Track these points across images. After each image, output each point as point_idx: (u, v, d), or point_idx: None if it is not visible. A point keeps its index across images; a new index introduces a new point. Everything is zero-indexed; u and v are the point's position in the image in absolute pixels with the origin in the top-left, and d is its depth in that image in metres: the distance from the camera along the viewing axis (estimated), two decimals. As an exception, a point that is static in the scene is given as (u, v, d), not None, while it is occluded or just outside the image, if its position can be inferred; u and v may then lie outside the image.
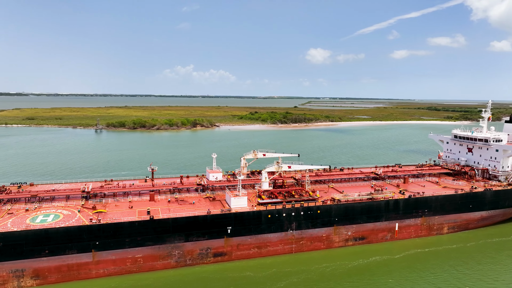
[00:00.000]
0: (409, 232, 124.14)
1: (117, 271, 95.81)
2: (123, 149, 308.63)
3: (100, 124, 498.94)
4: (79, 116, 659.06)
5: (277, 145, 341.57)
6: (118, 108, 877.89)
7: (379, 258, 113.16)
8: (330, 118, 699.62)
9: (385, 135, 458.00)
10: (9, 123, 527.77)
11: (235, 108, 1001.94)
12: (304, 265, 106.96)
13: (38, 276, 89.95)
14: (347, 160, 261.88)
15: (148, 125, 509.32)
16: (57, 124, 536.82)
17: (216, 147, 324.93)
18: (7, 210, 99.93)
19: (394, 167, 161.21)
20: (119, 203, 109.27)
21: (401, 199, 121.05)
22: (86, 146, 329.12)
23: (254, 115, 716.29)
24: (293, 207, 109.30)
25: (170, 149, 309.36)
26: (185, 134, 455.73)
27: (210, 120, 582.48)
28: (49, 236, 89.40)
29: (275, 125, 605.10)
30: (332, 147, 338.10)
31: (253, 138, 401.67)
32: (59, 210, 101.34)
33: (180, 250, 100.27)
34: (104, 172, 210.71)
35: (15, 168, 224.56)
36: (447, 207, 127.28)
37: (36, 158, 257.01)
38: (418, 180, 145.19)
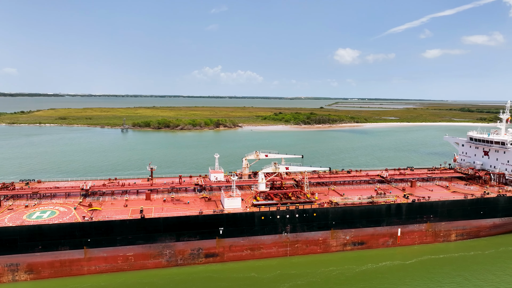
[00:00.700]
0: (413, 238, 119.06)
1: (108, 269, 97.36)
2: (145, 149, 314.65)
3: (126, 124, 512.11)
4: (108, 116, 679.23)
5: (296, 146, 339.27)
6: (146, 109, 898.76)
7: (380, 264, 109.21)
8: (355, 119, 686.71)
9: (410, 137, 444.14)
10: (42, 123, 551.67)
11: (260, 108, 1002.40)
12: (299, 268, 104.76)
13: (32, 271, 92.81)
14: (366, 162, 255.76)
15: (172, 125, 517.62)
16: (87, 123, 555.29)
17: (234, 147, 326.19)
18: (8, 206, 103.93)
19: (406, 169, 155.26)
20: (115, 201, 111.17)
21: (404, 203, 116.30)
22: (111, 145, 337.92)
23: (278, 115, 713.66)
24: (288, 209, 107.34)
25: (189, 149, 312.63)
26: (207, 134, 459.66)
27: (233, 121, 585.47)
28: (42, 232, 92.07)
29: (298, 126, 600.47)
30: (353, 148, 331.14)
31: (274, 139, 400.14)
32: (57, 207, 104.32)
33: (171, 249, 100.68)
34: (122, 171, 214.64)
35: (41, 165, 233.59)
36: (455, 213, 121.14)
37: (61, 156, 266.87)
38: (427, 184, 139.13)
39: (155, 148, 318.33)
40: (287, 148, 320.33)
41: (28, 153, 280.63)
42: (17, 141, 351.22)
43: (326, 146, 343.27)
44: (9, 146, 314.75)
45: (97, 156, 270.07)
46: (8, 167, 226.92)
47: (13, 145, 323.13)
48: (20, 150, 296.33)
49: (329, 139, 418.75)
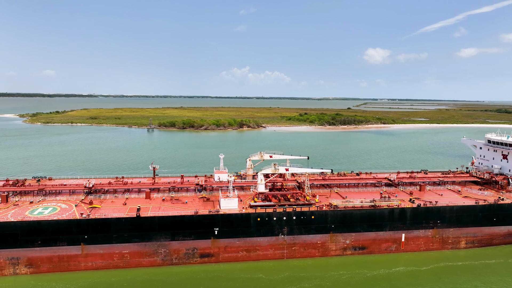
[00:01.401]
0: (418, 244, 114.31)
1: (104, 265, 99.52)
2: (167, 148, 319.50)
3: (152, 123, 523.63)
4: (136, 116, 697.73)
5: (318, 147, 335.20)
6: (174, 109, 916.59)
7: (382, 271, 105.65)
8: (382, 120, 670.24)
9: (437, 139, 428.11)
10: (74, 122, 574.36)
11: (286, 109, 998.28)
12: (296, 272, 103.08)
13: (31, 265, 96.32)
14: (388, 164, 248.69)
15: (197, 125, 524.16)
16: (115, 123, 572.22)
17: (254, 147, 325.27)
18: (14, 201, 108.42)
19: (419, 172, 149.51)
20: (116, 199, 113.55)
21: (409, 208, 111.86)
22: (135, 144, 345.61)
23: (302, 116, 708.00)
24: (285, 211, 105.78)
25: (210, 149, 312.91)
26: (230, 135, 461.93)
27: (256, 121, 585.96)
28: (41, 227, 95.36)
29: (322, 126, 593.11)
30: (377, 150, 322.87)
31: (296, 140, 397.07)
32: (59, 204, 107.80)
33: (166, 248, 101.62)
34: (140, 170, 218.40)
35: (68, 163, 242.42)
36: (465, 219, 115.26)
37: (88, 155, 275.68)
38: (437, 188, 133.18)
39: (177, 148, 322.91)
40: (308, 149, 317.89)
41: (58, 151, 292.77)
42: (49, 140, 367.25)
43: (349, 148, 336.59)
44: (41, 145, 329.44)
45: (121, 155, 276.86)
46: (37, 164, 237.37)
47: (45, 144, 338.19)
48: (50, 148, 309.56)
49: (353, 140, 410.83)
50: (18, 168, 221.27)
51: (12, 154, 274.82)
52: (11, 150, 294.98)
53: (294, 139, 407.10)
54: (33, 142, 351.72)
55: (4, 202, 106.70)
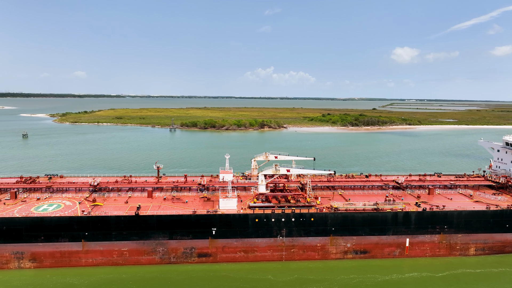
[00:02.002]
0: (423, 249, 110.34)
1: (104, 262, 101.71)
2: (187, 148, 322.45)
3: (175, 123, 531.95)
4: (160, 116, 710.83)
5: (337, 148, 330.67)
6: (197, 109, 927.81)
7: (386, 276, 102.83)
8: (407, 121, 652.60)
9: (463, 140, 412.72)
10: (100, 122, 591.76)
11: (309, 110, 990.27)
12: (295, 274, 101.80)
13: (35, 260, 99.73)
14: (410, 167, 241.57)
15: (218, 126, 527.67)
16: (139, 123, 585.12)
17: (272, 147, 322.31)
18: (22, 198, 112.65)
19: (432, 175, 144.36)
20: (119, 198, 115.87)
21: (413, 212, 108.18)
22: (156, 144, 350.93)
23: (325, 117, 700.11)
24: (283, 213, 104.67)
25: (229, 149, 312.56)
26: (251, 135, 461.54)
27: (278, 122, 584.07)
28: (44, 224, 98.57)
29: (345, 127, 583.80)
30: (399, 152, 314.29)
31: (317, 140, 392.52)
32: (64, 201, 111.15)
33: (164, 247, 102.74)
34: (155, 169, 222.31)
35: (90, 161, 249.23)
36: (474, 224, 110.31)
37: (110, 154, 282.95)
38: (448, 192, 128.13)
39: (197, 148, 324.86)
40: (327, 150, 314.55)
41: (82, 149, 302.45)
42: (75, 139, 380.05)
43: (370, 149, 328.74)
44: (67, 143, 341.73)
45: (141, 154, 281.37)
46: (62, 162, 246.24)
47: (70, 142, 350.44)
48: (75, 147, 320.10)
49: (376, 141, 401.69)
50: (43, 166, 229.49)
51: (40, 152, 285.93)
52: (39, 149, 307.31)
53: (314, 140, 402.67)
54: (60, 141, 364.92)
55: (13, 199, 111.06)
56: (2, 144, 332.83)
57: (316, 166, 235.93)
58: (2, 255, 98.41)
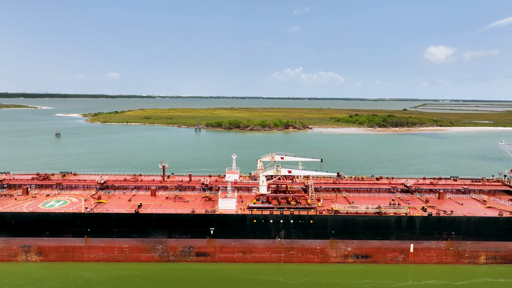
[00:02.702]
0: (429, 256, 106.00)
1: (105, 258, 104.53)
2: (210, 148, 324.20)
3: (200, 124, 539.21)
4: (187, 116, 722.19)
5: (362, 149, 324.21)
6: (224, 110, 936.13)
7: (388, 282, 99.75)
8: (438, 122, 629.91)
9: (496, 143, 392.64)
10: (129, 121, 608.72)
11: (337, 110, 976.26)
12: (293, 277, 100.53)
13: (41, 253, 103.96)
14: (436, 170, 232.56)
15: (242, 126, 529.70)
16: (166, 123, 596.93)
17: (294, 148, 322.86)
18: (33, 194, 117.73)
19: (448, 179, 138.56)
20: (123, 195, 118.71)
21: (418, 217, 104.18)
22: (180, 144, 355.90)
23: (352, 118, 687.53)
24: (281, 214, 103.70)
25: (251, 149, 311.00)
26: (275, 136, 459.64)
27: (303, 122, 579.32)
28: (49, 219, 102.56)
29: (372, 128, 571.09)
30: (426, 154, 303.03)
31: (341, 142, 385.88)
32: (71, 197, 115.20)
33: (163, 245, 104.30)
34: (176, 168, 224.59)
35: (115, 160, 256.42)
36: (485, 232, 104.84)
37: (134, 153, 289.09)
38: (459, 197, 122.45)
39: (219, 148, 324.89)
40: (350, 151, 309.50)
41: (108, 148, 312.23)
42: (103, 138, 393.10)
43: (396, 151, 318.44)
44: (95, 142, 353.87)
45: (164, 154, 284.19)
46: (88, 160, 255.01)
47: (98, 141, 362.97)
48: (102, 145, 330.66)
49: (403, 143, 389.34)
50: (70, 164, 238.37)
51: (68, 151, 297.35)
52: (69, 147, 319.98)
53: (338, 141, 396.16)
54: (88, 140, 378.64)
55: (25, 194, 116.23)
56: (36, 143, 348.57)
57: (337, 168, 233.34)
58: (11, 248, 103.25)
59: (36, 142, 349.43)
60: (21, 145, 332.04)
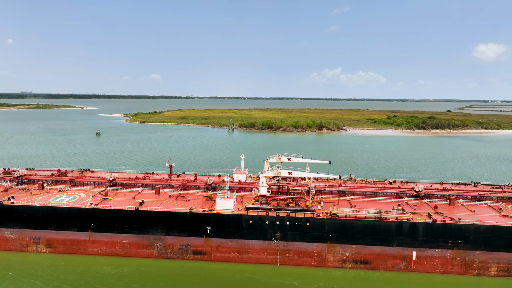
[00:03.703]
0: (433, 265, 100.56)
1: (108, 252, 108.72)
2: (241, 148, 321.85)
3: (233, 124, 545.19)
4: (222, 116, 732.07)
5: (395, 152, 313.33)
6: (259, 110, 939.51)
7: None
8: (484, 124, 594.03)
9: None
10: (166, 122, 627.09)
11: (375, 111, 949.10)
12: (289, 279, 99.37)
13: (49, 245, 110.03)
14: (478, 175, 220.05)
15: (275, 127, 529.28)
16: (200, 123, 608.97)
17: (322, 150, 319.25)
18: (47, 189, 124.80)
19: (469, 185, 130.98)
20: (129, 193, 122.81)
21: (421, 223, 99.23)
22: (211, 143, 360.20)
23: (390, 119, 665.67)
24: (277, 216, 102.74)
25: (281, 150, 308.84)
26: (308, 137, 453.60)
27: (337, 123, 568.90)
28: (57, 213, 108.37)
29: (410, 130, 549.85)
30: (465, 158, 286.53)
31: (375, 144, 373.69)
32: (81, 193, 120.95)
33: (161, 242, 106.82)
34: (199, 168, 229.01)
35: (147, 159, 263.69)
36: (496, 241, 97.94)
37: (166, 152, 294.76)
38: (473, 203, 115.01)
39: (250, 148, 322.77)
40: (382, 154, 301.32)
41: (143, 147, 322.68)
42: (139, 137, 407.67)
43: (433, 154, 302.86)
44: (130, 141, 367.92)
45: (195, 153, 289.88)
46: (122, 158, 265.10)
47: (134, 140, 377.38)
48: (137, 145, 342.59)
49: (442, 146, 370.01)
50: (104, 162, 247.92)
51: (105, 149, 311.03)
52: (106, 145, 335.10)
53: (372, 143, 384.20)
54: (125, 138, 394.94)
55: (40, 189, 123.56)
56: (77, 141, 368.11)
57: (364, 171, 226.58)
58: (23, 239, 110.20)
59: (77, 141, 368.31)
60: (63, 143, 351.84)
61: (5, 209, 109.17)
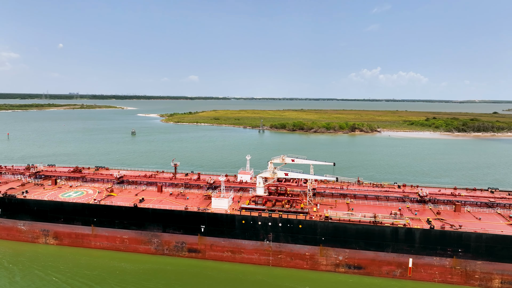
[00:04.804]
0: (431, 273, 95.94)
1: (109, 246, 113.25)
2: (269, 149, 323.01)
3: (264, 125, 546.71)
4: (255, 117, 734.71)
5: (430, 155, 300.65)
6: (293, 111, 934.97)
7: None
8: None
9: None
10: (199, 122, 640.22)
11: (414, 113, 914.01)
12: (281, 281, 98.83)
13: (56, 238, 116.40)
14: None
15: (306, 128, 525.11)
16: (232, 124, 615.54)
17: (350, 151, 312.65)
18: (59, 184, 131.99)
19: (485, 191, 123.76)
20: (134, 190, 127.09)
21: (418, 229, 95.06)
22: (240, 144, 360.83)
23: (428, 121, 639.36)
24: (270, 217, 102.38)
25: (307, 151, 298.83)
26: (339, 138, 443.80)
27: (370, 125, 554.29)
28: (63, 208, 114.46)
29: (449, 133, 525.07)
30: (508, 163, 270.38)
31: (409, 146, 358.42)
32: (89, 189, 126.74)
33: (158, 239, 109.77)
34: (223, 168, 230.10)
35: (177, 159, 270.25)
36: (501, 251, 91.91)
37: (195, 152, 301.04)
38: (480, 210, 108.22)
39: (276, 149, 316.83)
40: (415, 156, 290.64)
41: (174, 147, 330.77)
42: (171, 137, 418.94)
43: (471, 159, 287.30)
44: (162, 141, 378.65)
45: (222, 153, 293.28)
46: (152, 158, 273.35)
47: (165, 140, 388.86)
48: (168, 144, 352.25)
49: (482, 150, 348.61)
50: (134, 160, 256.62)
51: (137, 148, 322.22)
52: (138, 145, 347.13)
53: (407, 145, 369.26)
54: (158, 138, 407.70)
55: (53, 185, 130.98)
56: (112, 140, 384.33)
57: (390, 174, 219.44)
58: (34, 231, 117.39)
59: (113, 139, 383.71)
60: (99, 141, 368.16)
61: (18, 203, 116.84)
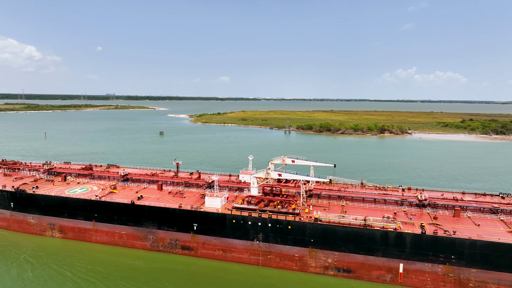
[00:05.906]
0: (422, 280, 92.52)
1: (109, 241, 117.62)
2: (294, 151, 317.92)
3: (291, 126, 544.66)
4: (282, 118, 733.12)
5: (462, 159, 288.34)
6: (322, 112, 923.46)
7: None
8: None
9: None
10: (226, 122, 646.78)
11: (450, 114, 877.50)
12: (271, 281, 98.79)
13: (61, 231, 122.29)
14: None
15: (333, 129, 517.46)
16: (259, 124, 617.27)
17: (375, 154, 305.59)
18: (68, 181, 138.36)
19: (495, 196, 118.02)
20: (135, 187, 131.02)
21: (409, 234, 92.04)
22: (264, 145, 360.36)
23: (464, 122, 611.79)
24: (260, 217, 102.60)
25: (332, 153, 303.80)
26: (367, 140, 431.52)
27: (401, 127, 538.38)
28: (67, 203, 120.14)
29: (486, 135, 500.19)
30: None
31: (441, 150, 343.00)
32: (94, 186, 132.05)
33: (154, 235, 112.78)
34: (238, 168, 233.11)
35: (198, 159, 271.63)
36: (497, 260, 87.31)
37: (217, 153, 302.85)
38: (481, 216, 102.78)
39: (301, 151, 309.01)
40: (444, 160, 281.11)
41: (198, 147, 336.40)
42: (198, 137, 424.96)
43: (505, 163, 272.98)
44: (188, 141, 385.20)
45: (245, 155, 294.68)
46: (174, 157, 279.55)
47: (191, 140, 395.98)
48: (193, 144, 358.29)
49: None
50: (157, 160, 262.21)
51: (163, 148, 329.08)
52: (165, 144, 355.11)
53: (438, 148, 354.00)
54: (184, 138, 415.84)
55: (62, 181, 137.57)
56: (141, 139, 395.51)
57: (411, 178, 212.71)
58: (41, 224, 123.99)
59: (141, 139, 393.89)
60: (128, 141, 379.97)
61: (28, 197, 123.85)
